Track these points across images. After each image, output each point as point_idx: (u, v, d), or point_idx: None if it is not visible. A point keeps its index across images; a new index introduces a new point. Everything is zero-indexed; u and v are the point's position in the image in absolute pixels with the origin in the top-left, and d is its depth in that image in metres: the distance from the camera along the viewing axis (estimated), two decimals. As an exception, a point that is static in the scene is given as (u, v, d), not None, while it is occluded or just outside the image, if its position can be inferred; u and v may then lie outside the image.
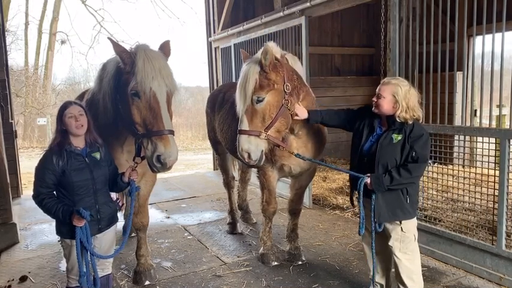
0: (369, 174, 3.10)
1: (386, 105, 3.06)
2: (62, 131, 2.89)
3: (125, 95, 2.97)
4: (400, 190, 3.09)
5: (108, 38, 3.04)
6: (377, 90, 3.15)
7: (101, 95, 3.26)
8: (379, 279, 3.48)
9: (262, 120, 3.45)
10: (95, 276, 2.98)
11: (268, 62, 3.40)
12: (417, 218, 4.39)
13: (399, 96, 3.01)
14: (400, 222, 3.14)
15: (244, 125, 3.45)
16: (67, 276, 3.11)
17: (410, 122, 3.04)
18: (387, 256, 3.37)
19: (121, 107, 3.05)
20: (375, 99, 3.15)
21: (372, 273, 3.41)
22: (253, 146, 3.43)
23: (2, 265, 4.68)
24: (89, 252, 2.88)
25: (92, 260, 2.94)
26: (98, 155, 3.02)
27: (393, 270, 3.40)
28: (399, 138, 3.05)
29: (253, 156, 3.44)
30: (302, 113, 3.64)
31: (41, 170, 2.86)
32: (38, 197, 2.86)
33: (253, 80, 3.40)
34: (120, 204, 3.29)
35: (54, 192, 2.92)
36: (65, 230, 2.90)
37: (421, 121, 3.18)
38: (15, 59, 24.05)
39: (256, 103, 3.42)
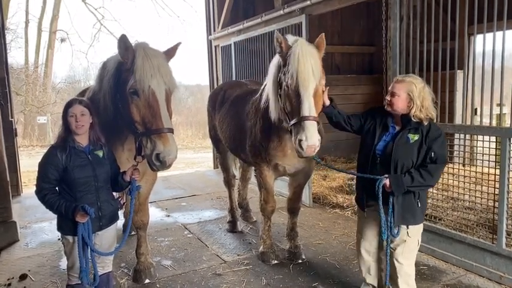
0: (386, 176, 2.96)
1: (401, 104, 2.96)
2: (66, 127, 2.92)
3: (125, 93, 2.96)
4: (412, 194, 3.00)
5: (123, 35, 2.94)
6: (390, 88, 3.05)
7: (102, 93, 3.25)
8: (372, 280, 3.41)
9: (319, 106, 3.24)
10: (94, 272, 2.98)
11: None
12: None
13: (414, 95, 2.91)
14: (407, 227, 3.05)
15: (313, 110, 3.10)
16: (67, 273, 3.12)
17: (425, 123, 2.94)
18: (380, 257, 3.35)
19: (121, 106, 3.04)
20: (388, 97, 3.02)
21: (386, 280, 3.23)
22: (318, 135, 3.13)
23: (2, 263, 4.68)
24: (89, 249, 2.88)
25: (92, 257, 2.94)
26: (100, 153, 3.02)
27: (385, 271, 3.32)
28: (416, 138, 2.95)
29: (318, 146, 3.15)
30: (326, 100, 3.39)
31: (44, 165, 2.88)
32: (40, 192, 2.87)
33: (319, 62, 3.22)
34: (122, 202, 3.27)
35: (57, 188, 2.93)
36: (66, 226, 2.91)
37: (434, 121, 3.08)
38: (15, 57, 24.09)
39: (321, 87, 3.21)
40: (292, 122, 3.18)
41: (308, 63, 3.14)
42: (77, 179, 2.88)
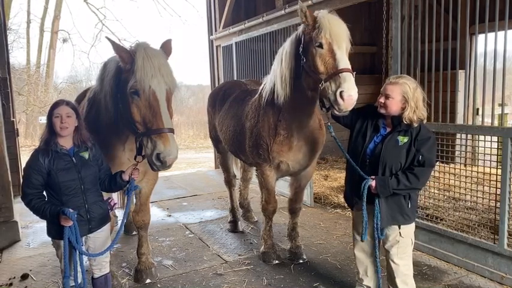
0: (373, 177, 2.97)
1: (395, 107, 2.92)
2: (50, 129, 2.89)
3: (125, 93, 2.95)
4: (401, 195, 2.99)
5: (107, 38, 3.01)
6: (382, 90, 3.01)
7: (103, 94, 3.25)
8: (368, 281, 3.39)
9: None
10: (82, 276, 2.96)
11: None
12: (419, 217, 4.41)
13: (409, 96, 2.87)
14: (399, 227, 3.05)
15: (349, 64, 3.18)
16: (62, 276, 3.11)
17: (416, 125, 2.92)
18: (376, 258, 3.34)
19: (121, 106, 3.04)
20: (382, 100, 2.98)
21: (378, 282, 3.28)
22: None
23: (3, 263, 4.69)
24: (78, 252, 2.85)
25: (81, 260, 2.92)
26: (86, 155, 2.99)
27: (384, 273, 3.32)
28: (405, 140, 2.93)
29: (355, 101, 3.15)
30: None
31: (27, 171, 2.85)
32: (25, 198, 2.84)
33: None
34: (112, 204, 3.25)
35: (44, 192, 2.90)
36: (54, 230, 2.88)
37: (425, 121, 3.04)
38: (17, 57, 24.14)
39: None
40: (328, 77, 3.17)
41: (339, 23, 3.28)
42: (62, 182, 2.85)
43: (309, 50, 3.35)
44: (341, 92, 3.03)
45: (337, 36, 3.22)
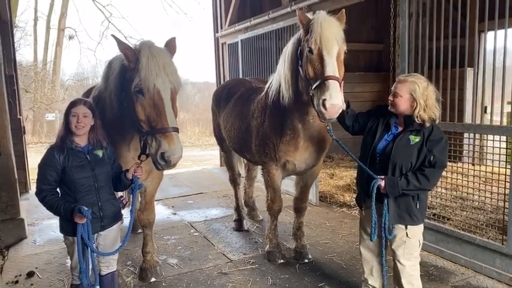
0: (382, 177, 2.94)
1: (403, 105, 2.91)
2: (66, 127, 2.92)
3: (130, 92, 2.95)
4: (410, 195, 2.96)
5: (112, 35, 3.01)
6: (392, 88, 2.99)
7: (107, 92, 3.25)
8: (373, 281, 3.37)
9: (342, 72, 3.21)
10: (94, 274, 2.98)
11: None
12: (426, 217, 4.36)
13: (417, 95, 2.84)
14: (406, 227, 3.02)
15: (337, 71, 3.08)
16: (71, 273, 3.13)
17: (428, 124, 2.89)
18: (386, 258, 3.30)
19: (126, 105, 3.03)
20: (391, 97, 2.98)
21: (383, 283, 3.27)
22: (342, 95, 3.07)
23: (9, 260, 4.71)
24: (89, 249, 2.87)
25: (92, 257, 2.94)
26: (100, 153, 3.01)
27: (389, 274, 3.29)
28: (417, 140, 2.90)
29: (341, 108, 3.09)
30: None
31: (42, 167, 2.88)
32: (40, 194, 2.87)
33: (341, 29, 3.26)
34: (124, 202, 3.27)
35: (58, 189, 2.93)
36: (68, 227, 2.90)
37: (437, 121, 2.99)
38: (24, 54, 24.32)
39: (343, 54, 3.24)
40: (315, 84, 3.14)
41: (330, 28, 3.19)
42: (76, 179, 2.88)
43: (303, 54, 3.32)
44: (324, 101, 3.02)
45: (327, 41, 3.15)
